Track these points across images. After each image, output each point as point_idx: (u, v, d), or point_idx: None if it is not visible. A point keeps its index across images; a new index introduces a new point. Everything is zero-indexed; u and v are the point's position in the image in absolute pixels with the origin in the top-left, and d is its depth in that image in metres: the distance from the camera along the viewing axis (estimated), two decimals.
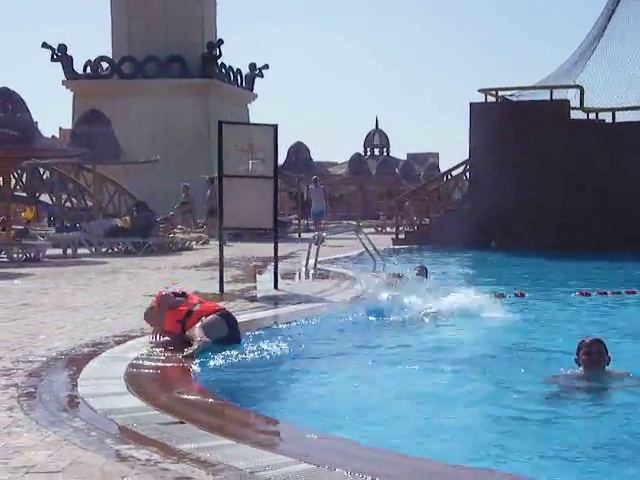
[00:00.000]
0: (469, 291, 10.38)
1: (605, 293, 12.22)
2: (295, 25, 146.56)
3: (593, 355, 6.41)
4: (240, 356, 7.28)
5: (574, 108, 23.55)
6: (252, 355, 7.31)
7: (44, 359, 6.94)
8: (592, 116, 24.18)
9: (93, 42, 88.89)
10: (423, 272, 14.63)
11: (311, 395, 5.96)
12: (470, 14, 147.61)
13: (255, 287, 12.92)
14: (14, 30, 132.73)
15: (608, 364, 6.47)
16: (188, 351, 7.05)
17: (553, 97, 23.55)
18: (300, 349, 7.71)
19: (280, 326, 9.12)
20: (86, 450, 4.47)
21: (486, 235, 22.87)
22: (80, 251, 20.44)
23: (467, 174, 25.79)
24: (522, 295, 12.05)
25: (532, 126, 22.72)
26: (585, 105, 23.52)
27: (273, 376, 6.53)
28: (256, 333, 8.59)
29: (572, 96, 23.64)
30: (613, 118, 23.72)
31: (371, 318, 9.75)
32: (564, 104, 23.43)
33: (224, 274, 12.53)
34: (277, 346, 7.72)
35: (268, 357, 7.26)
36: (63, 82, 39.78)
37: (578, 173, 22.25)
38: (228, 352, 7.47)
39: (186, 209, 28.56)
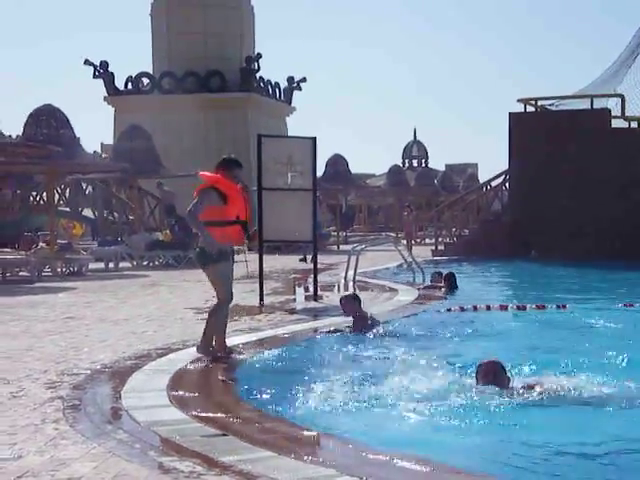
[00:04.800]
0: None
1: None
2: (332, 38, 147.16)
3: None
4: (283, 368, 7.31)
5: (615, 117, 23.31)
6: (295, 367, 7.33)
7: (88, 372, 7.03)
8: (634, 125, 23.90)
9: (134, 58, 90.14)
10: (447, 280, 14.52)
11: (354, 407, 5.96)
12: (508, 24, 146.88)
13: (295, 299, 12.96)
14: (57, 47, 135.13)
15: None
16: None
17: (593, 106, 23.34)
18: (342, 361, 7.71)
19: (323, 337, 9.15)
20: (130, 462, 4.52)
21: (526, 245, 22.69)
22: (122, 265, 20.68)
23: (506, 184, 25.63)
24: (564, 307, 11.90)
25: (572, 135, 22.53)
26: (626, 114, 23.26)
27: (316, 388, 6.53)
28: (298, 345, 8.63)
29: (613, 105, 23.42)
30: None
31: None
32: (605, 113, 23.20)
33: (264, 286, 12.59)
34: (318, 358, 7.72)
35: (310, 369, 7.26)
36: (105, 98, 40.37)
37: (619, 182, 21.99)
38: (271, 364, 7.51)
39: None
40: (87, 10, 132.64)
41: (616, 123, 23.51)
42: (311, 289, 13.33)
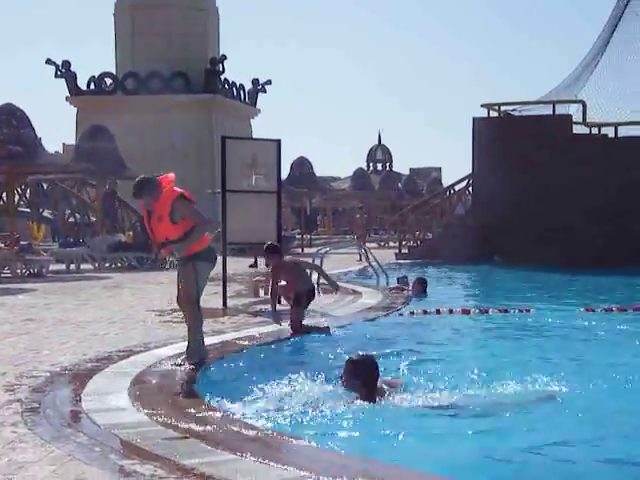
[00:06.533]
0: None
1: (610, 309, 12.19)
2: (298, 41, 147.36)
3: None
4: (246, 370, 7.27)
5: (576, 123, 23.61)
6: (257, 369, 7.31)
7: (48, 374, 6.93)
8: (594, 131, 24.22)
9: (97, 58, 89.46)
10: (419, 284, 14.61)
11: (316, 410, 5.95)
12: (474, 28, 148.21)
13: (258, 302, 12.91)
14: (18, 46, 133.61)
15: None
16: None
17: (555, 112, 23.62)
18: (302, 362, 7.69)
19: (285, 340, 9.14)
20: (90, 466, 4.46)
21: (489, 250, 22.87)
22: (83, 266, 20.46)
23: (470, 189, 25.83)
24: (527, 311, 12.00)
25: (534, 141, 22.76)
26: (587, 120, 23.57)
27: (278, 390, 6.52)
28: (261, 347, 8.61)
29: (574, 111, 23.71)
30: (615, 133, 23.76)
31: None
32: (566, 119, 23.48)
33: (227, 289, 12.54)
34: (281, 360, 7.69)
35: (273, 371, 7.24)
36: (67, 98, 39.93)
37: (580, 188, 22.26)
38: (234, 366, 7.47)
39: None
40: (50, 12, 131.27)
41: (577, 129, 23.81)
42: None
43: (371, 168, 63.31)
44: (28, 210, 28.55)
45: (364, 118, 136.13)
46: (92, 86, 39.86)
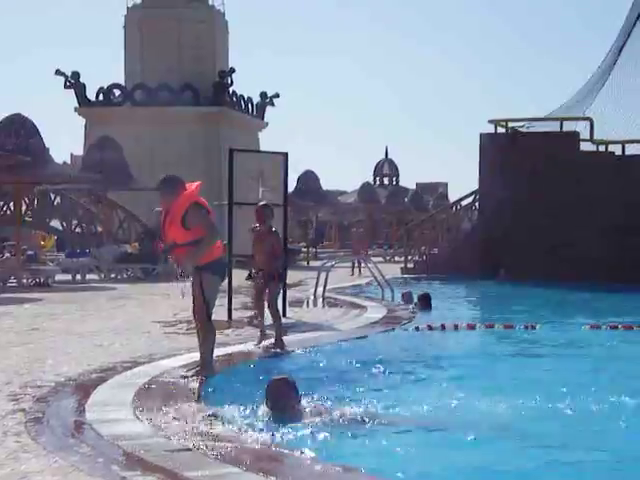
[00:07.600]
0: None
1: (616, 327, 12.14)
2: (306, 54, 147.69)
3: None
4: (249, 383, 7.25)
5: (584, 140, 23.60)
6: (261, 382, 7.28)
7: (52, 384, 6.93)
8: (602, 148, 24.20)
9: (106, 69, 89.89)
10: (423, 300, 14.60)
11: (321, 424, 5.93)
12: (483, 44, 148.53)
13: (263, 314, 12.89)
14: (28, 57, 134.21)
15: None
16: None
17: (563, 129, 23.62)
18: (308, 376, 7.68)
19: (290, 353, 9.13)
20: (93, 476, 4.45)
21: (495, 265, 22.83)
22: (89, 277, 20.49)
23: (476, 204, 25.81)
24: (533, 327, 11.96)
25: (541, 157, 22.76)
26: (595, 137, 23.57)
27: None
28: (264, 360, 8.60)
29: (582, 128, 23.71)
30: (623, 151, 23.74)
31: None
32: (574, 136, 23.48)
33: (232, 301, 12.54)
34: (287, 373, 7.66)
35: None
36: (75, 109, 40.10)
37: (586, 204, 22.23)
38: (237, 379, 7.46)
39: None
40: (60, 22, 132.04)
41: (585, 146, 23.80)
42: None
43: (378, 182, 63.30)
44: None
45: (371, 132, 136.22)
46: (101, 97, 40.02)
